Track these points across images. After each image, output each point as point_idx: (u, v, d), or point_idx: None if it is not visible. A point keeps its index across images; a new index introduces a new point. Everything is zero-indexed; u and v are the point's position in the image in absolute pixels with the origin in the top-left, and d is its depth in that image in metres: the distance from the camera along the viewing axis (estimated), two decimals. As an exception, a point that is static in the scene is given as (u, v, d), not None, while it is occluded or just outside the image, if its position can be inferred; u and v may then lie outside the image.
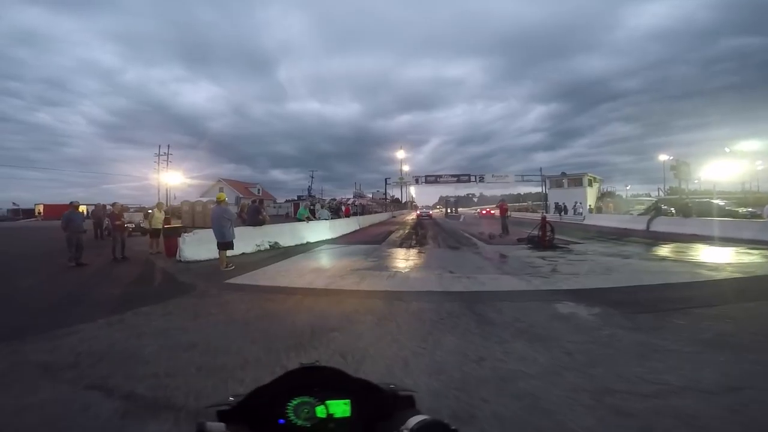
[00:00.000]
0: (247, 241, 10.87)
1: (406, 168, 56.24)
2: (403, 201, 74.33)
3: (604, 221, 25.77)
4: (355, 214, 26.38)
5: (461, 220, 33.55)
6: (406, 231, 20.18)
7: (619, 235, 16.05)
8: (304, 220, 14.55)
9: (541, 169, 52.56)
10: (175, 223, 15.62)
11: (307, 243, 13.20)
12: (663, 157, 41.47)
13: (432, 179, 49.28)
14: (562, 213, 34.60)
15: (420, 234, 17.81)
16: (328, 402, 0.72)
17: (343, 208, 21.67)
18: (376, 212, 41.38)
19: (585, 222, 27.26)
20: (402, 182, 51.70)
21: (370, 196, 71.77)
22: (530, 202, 70.66)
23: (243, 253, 10.44)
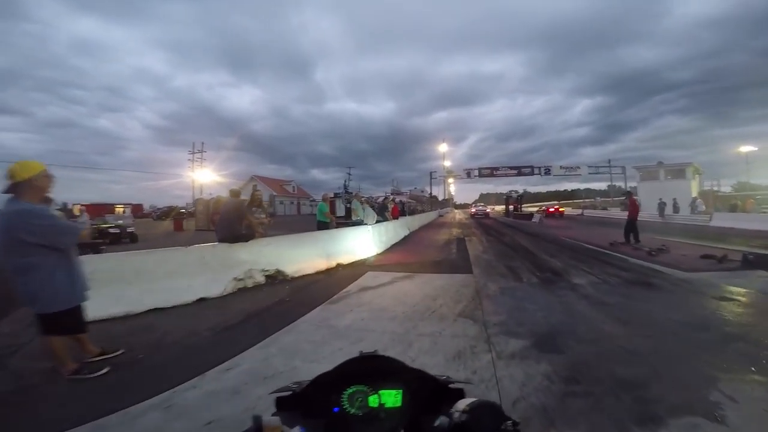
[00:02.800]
0: (217, 272, 5.42)
1: (447, 163, 49.56)
2: (441, 198, 67.68)
3: (748, 223, 17.90)
4: (402, 213, 20.57)
5: (537, 221, 26.30)
6: (485, 239, 13.96)
7: None
8: (329, 222, 8.92)
9: (609, 161, 44.11)
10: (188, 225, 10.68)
11: (338, 266, 7.55)
12: (745, 149, 36.18)
13: (487, 172, 42.20)
14: (664, 211, 26.24)
15: (520, 249, 11.55)
16: (381, 392, 0.73)
17: (390, 206, 15.84)
18: (420, 211, 35.23)
19: (715, 224, 19.50)
20: (451, 176, 45.02)
21: (407, 193, 65.49)
22: (598, 198, 60.88)
23: (202, 300, 4.99)
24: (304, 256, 6.96)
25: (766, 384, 2.46)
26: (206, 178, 43.55)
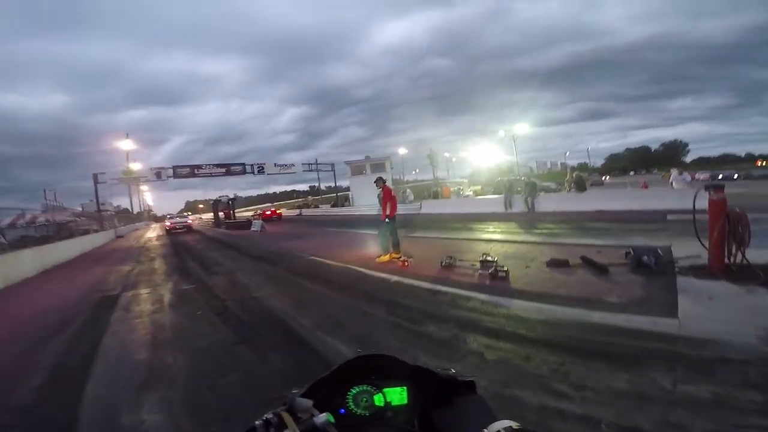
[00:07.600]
0: None
1: (136, 166, 35.27)
2: (136, 211, 51.02)
3: (452, 208, 20.34)
4: (22, 243, 9.14)
5: (258, 229, 20.22)
6: (175, 293, 6.55)
7: (576, 222, 9.42)
8: None
9: (316, 160, 45.84)
10: None
11: None
12: (402, 150, 45.56)
13: (185, 172, 32.17)
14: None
15: (262, 322, 5.02)
16: (385, 390, 0.70)
17: None
18: (82, 233, 21.04)
19: (425, 211, 21.10)
20: (131, 179, 31.40)
21: (80, 208, 43.81)
22: (309, 197, 62.99)
23: None
24: None
25: None
26: None
